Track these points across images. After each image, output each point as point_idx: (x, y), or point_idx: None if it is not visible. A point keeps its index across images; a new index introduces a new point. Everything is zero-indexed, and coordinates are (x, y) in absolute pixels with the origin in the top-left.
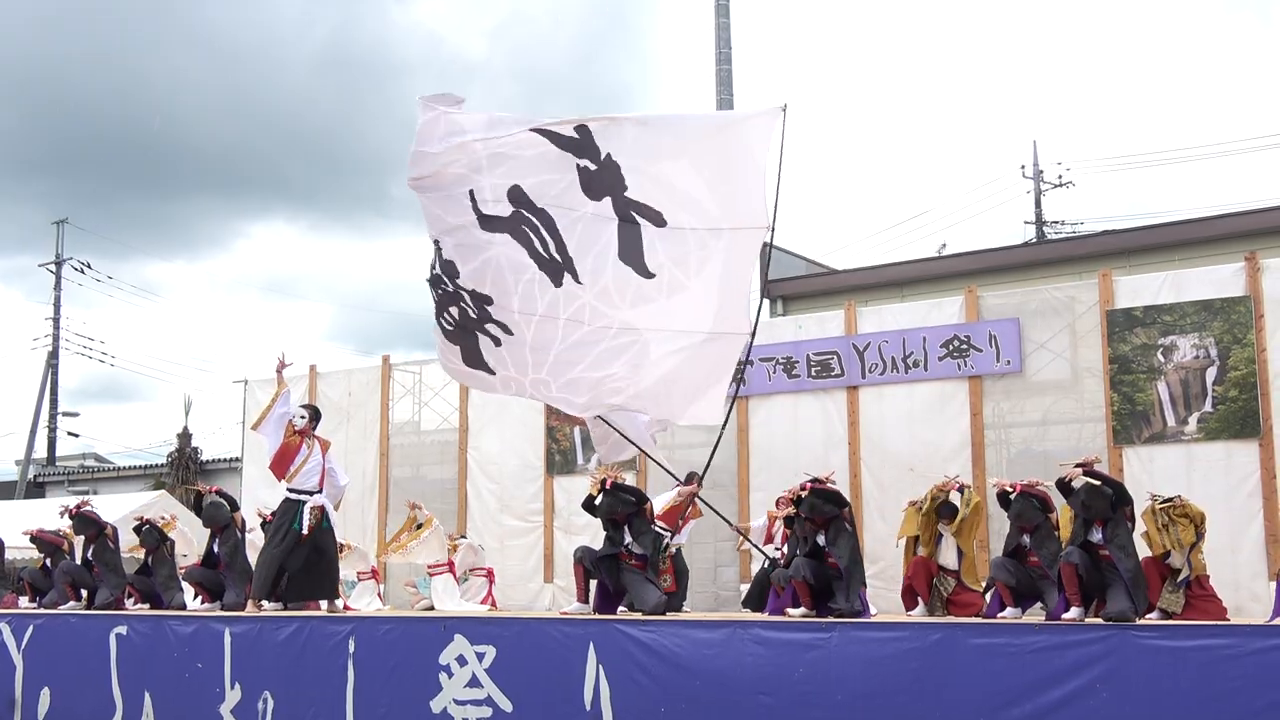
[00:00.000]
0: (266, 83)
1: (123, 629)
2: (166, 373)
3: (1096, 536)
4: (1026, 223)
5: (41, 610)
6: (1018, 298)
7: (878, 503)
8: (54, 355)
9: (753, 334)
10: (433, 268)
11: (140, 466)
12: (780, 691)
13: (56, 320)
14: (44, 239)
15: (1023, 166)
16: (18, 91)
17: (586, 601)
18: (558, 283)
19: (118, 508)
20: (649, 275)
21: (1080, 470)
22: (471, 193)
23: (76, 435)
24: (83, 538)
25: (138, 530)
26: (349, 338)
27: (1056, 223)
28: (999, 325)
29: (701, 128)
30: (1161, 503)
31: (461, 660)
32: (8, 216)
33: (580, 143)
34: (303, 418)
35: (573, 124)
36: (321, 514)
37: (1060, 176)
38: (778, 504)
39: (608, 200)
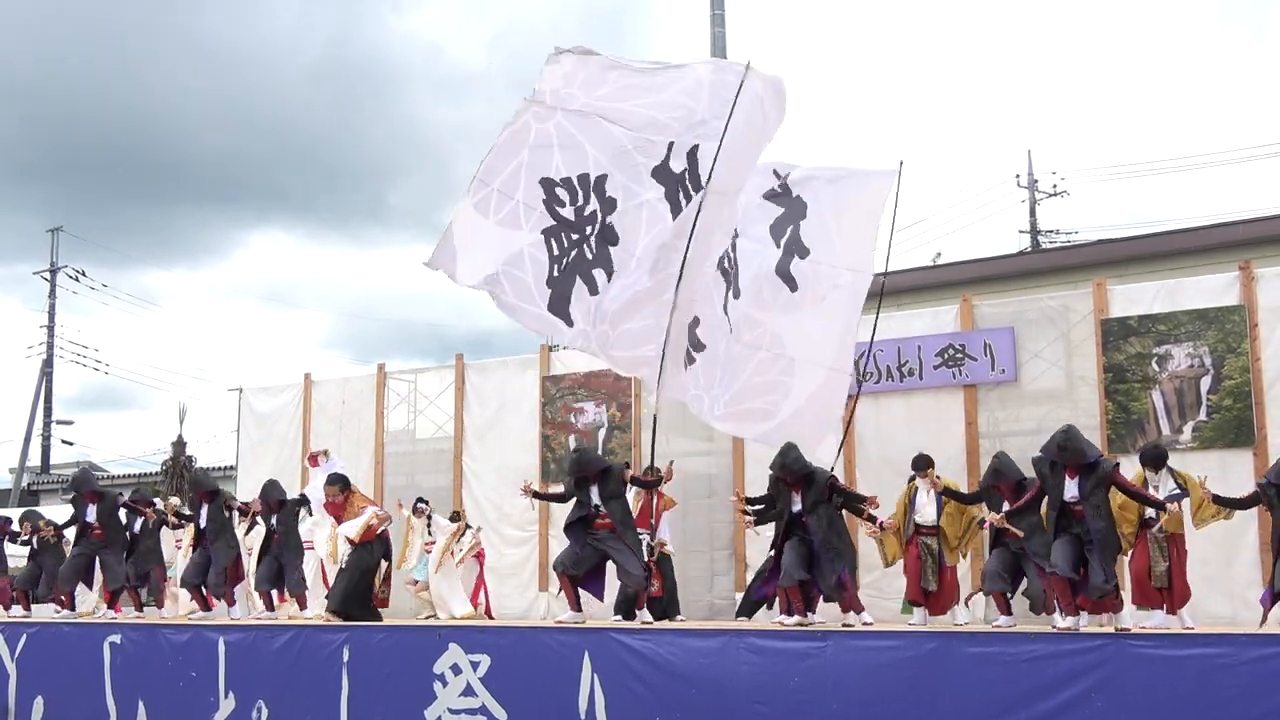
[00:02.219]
0: (264, 91)
1: (116, 637)
2: (162, 381)
3: (1072, 493)
4: (1021, 232)
5: (35, 619)
6: (1013, 307)
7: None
8: (48, 363)
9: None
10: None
11: (135, 475)
12: (776, 700)
13: (51, 328)
14: (41, 247)
15: (1017, 176)
16: (15, 98)
17: (579, 610)
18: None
19: None
20: (794, 288)
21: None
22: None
23: (71, 443)
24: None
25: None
26: (345, 346)
27: (1051, 232)
28: (994, 334)
29: (834, 175)
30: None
31: (456, 669)
32: (5, 224)
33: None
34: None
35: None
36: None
37: (1055, 186)
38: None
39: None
